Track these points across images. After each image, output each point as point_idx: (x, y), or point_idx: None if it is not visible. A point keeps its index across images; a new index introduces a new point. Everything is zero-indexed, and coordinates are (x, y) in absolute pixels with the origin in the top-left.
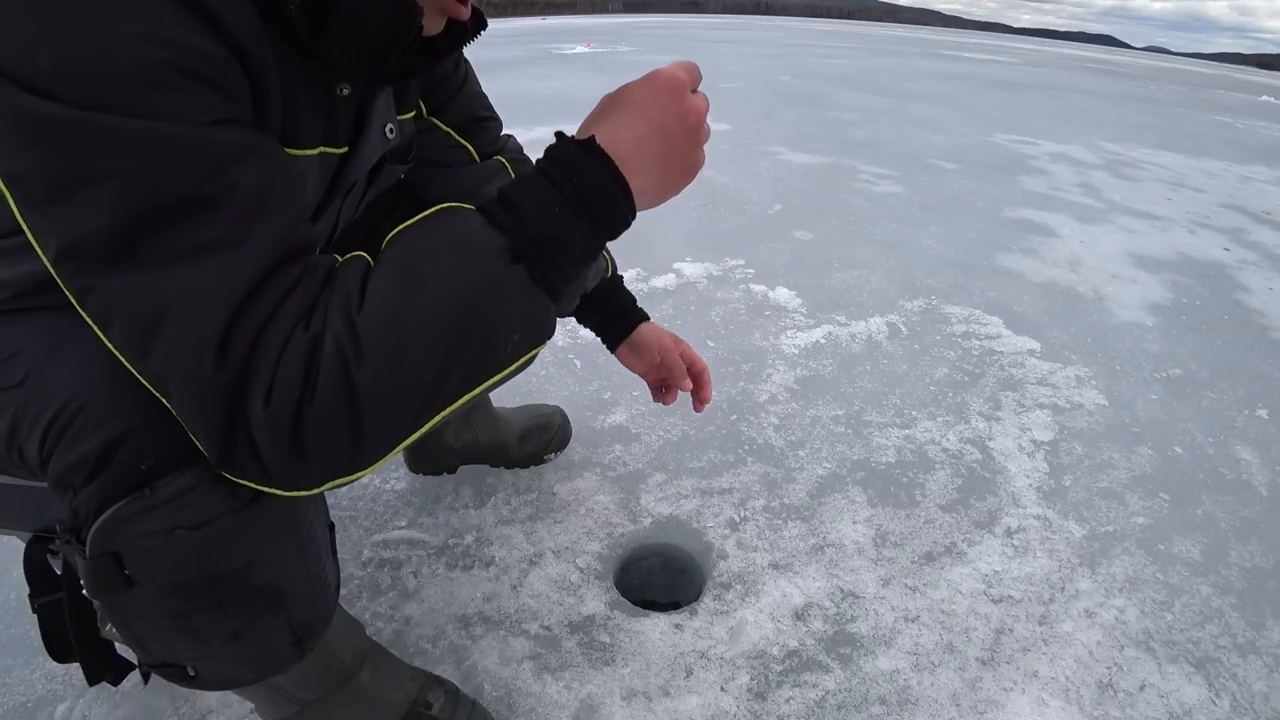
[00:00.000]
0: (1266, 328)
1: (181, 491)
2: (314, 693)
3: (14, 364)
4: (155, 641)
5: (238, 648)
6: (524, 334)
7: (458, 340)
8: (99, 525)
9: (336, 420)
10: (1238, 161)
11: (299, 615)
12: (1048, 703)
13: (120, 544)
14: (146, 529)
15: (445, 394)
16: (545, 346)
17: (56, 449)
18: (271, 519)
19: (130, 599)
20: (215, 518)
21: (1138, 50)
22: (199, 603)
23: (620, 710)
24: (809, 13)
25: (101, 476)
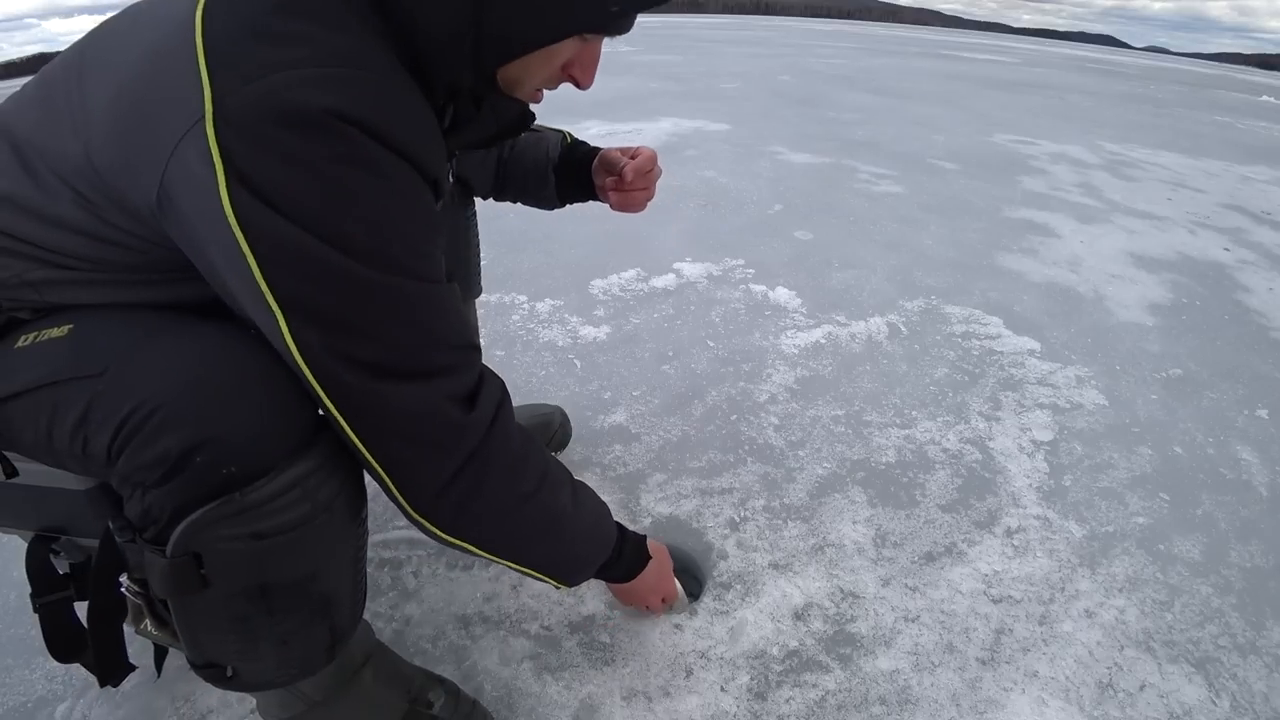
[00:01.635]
0: (1266, 328)
1: (268, 499)
2: (323, 692)
3: (96, 354)
4: (210, 642)
5: (284, 651)
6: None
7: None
8: (186, 525)
9: (494, 506)
10: (1238, 161)
11: (339, 622)
12: (1048, 703)
13: (203, 545)
14: (231, 533)
15: (525, 559)
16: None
17: (130, 444)
18: (337, 531)
19: (202, 600)
20: (294, 526)
21: (1138, 50)
22: (263, 606)
23: (620, 710)
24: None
25: (180, 477)
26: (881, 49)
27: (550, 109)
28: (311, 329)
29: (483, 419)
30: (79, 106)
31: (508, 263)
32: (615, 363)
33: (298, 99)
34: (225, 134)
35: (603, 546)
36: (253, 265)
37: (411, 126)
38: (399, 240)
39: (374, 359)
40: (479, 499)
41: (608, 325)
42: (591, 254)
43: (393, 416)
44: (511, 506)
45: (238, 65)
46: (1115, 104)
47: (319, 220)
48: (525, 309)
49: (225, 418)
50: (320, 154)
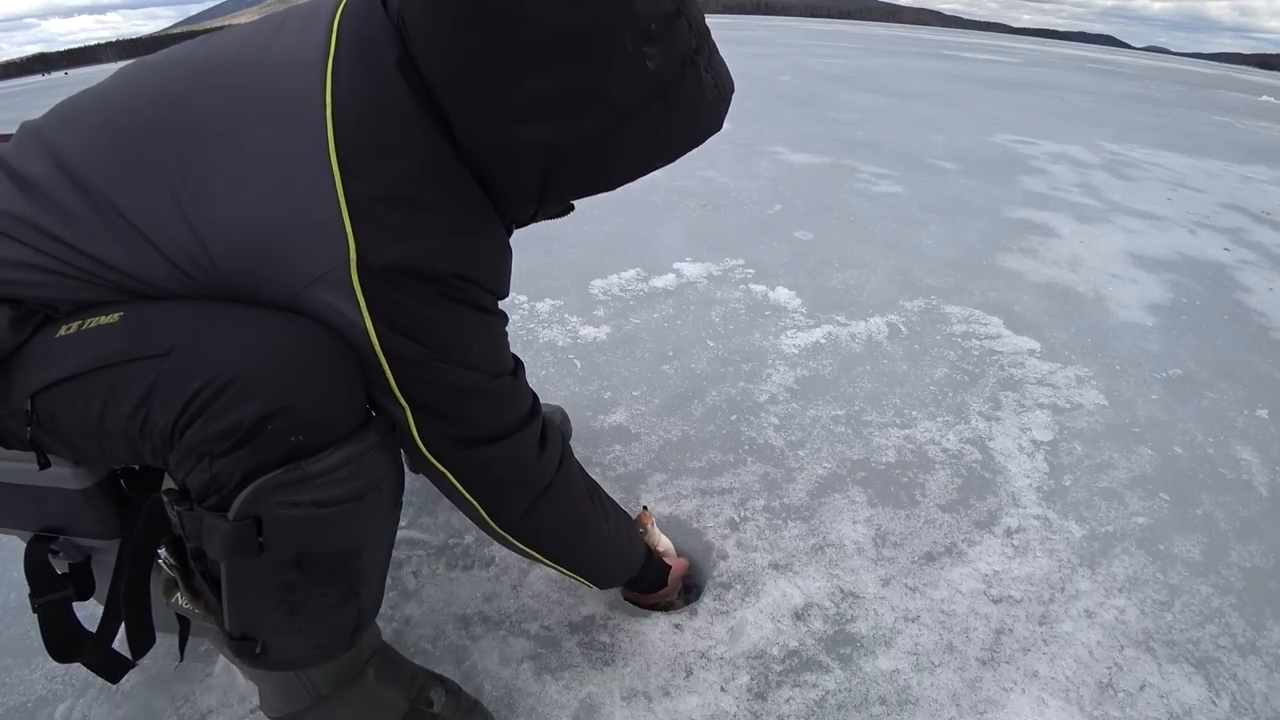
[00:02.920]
0: (1266, 328)
1: (329, 470)
2: (331, 685)
3: (158, 335)
4: (254, 611)
5: (318, 626)
6: (601, 581)
7: (598, 560)
8: (253, 489)
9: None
10: (1238, 161)
11: (367, 604)
12: (1048, 703)
13: (265, 510)
14: (292, 499)
15: (576, 566)
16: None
17: (202, 416)
18: (384, 507)
19: (256, 564)
20: (349, 499)
21: (1138, 50)
22: (310, 576)
23: (620, 710)
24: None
25: (251, 444)
26: (881, 49)
27: None
28: (429, 419)
29: (552, 460)
30: (185, 192)
31: None
32: (615, 363)
33: (434, 266)
34: (368, 280)
35: (633, 564)
36: (389, 376)
37: (501, 271)
38: (491, 353)
39: (474, 437)
40: (555, 517)
41: (608, 325)
42: (591, 254)
43: (489, 469)
44: (577, 522)
45: (380, 225)
46: (1115, 104)
47: (439, 344)
48: (525, 309)
49: (298, 388)
50: (444, 295)
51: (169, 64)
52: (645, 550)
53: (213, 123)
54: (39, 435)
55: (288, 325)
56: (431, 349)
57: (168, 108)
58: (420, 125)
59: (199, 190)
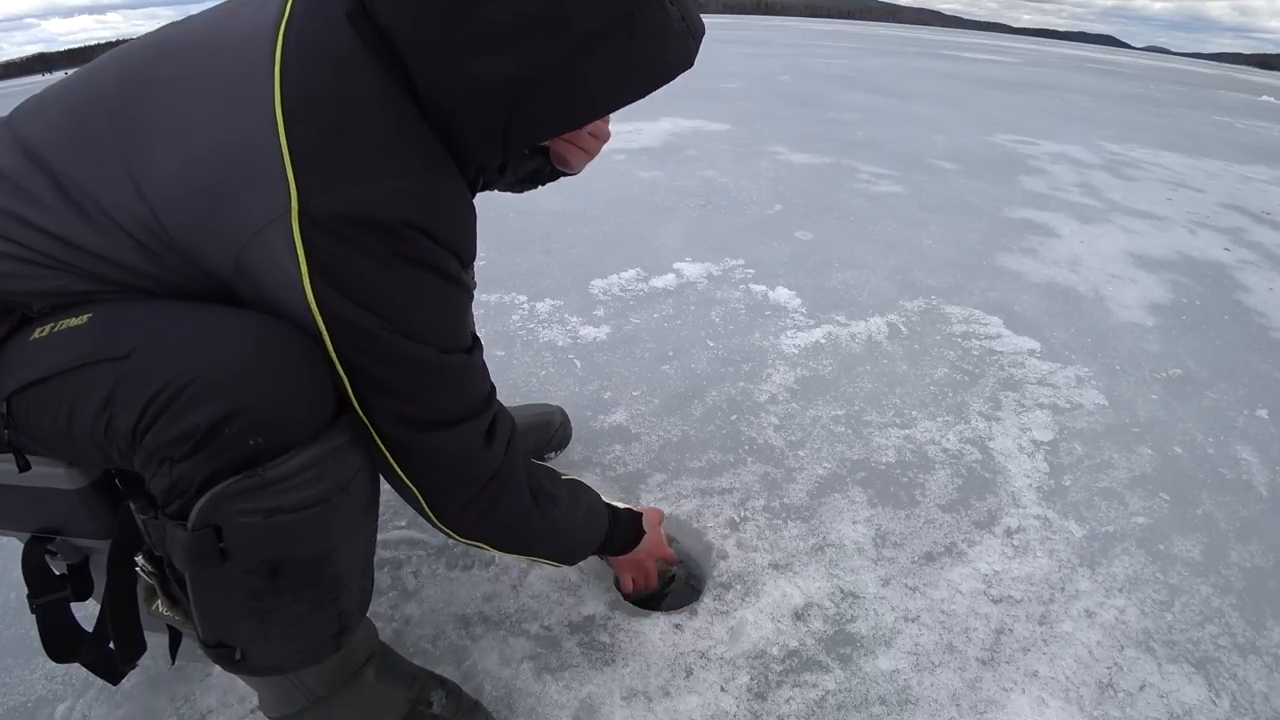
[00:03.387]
0: (1266, 328)
1: (290, 474)
2: (326, 688)
3: (121, 337)
4: (223, 619)
5: (294, 633)
6: (569, 559)
7: (556, 542)
8: (209, 497)
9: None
10: (1238, 161)
11: (348, 607)
12: (1048, 703)
13: (224, 518)
14: (252, 506)
15: (531, 551)
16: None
17: (160, 420)
18: (352, 513)
19: (219, 574)
20: (312, 504)
21: (1138, 50)
22: (277, 584)
23: (620, 710)
24: (809, 13)
25: (208, 449)
26: (881, 49)
27: None
28: (372, 393)
29: (499, 450)
30: (135, 159)
31: (508, 263)
32: (615, 363)
33: (380, 212)
34: (310, 231)
35: (597, 532)
36: (327, 340)
37: (460, 225)
38: (443, 322)
39: (419, 417)
40: (495, 510)
41: (608, 325)
42: (591, 254)
43: (431, 455)
44: (520, 513)
45: (322, 172)
46: (1115, 104)
47: (385, 310)
48: (525, 309)
49: (254, 390)
50: (392, 252)
51: (134, 47)
52: (608, 513)
53: (165, 92)
54: (17, 438)
55: (251, 325)
56: (374, 313)
57: (127, 85)
58: (371, 70)
59: (146, 156)
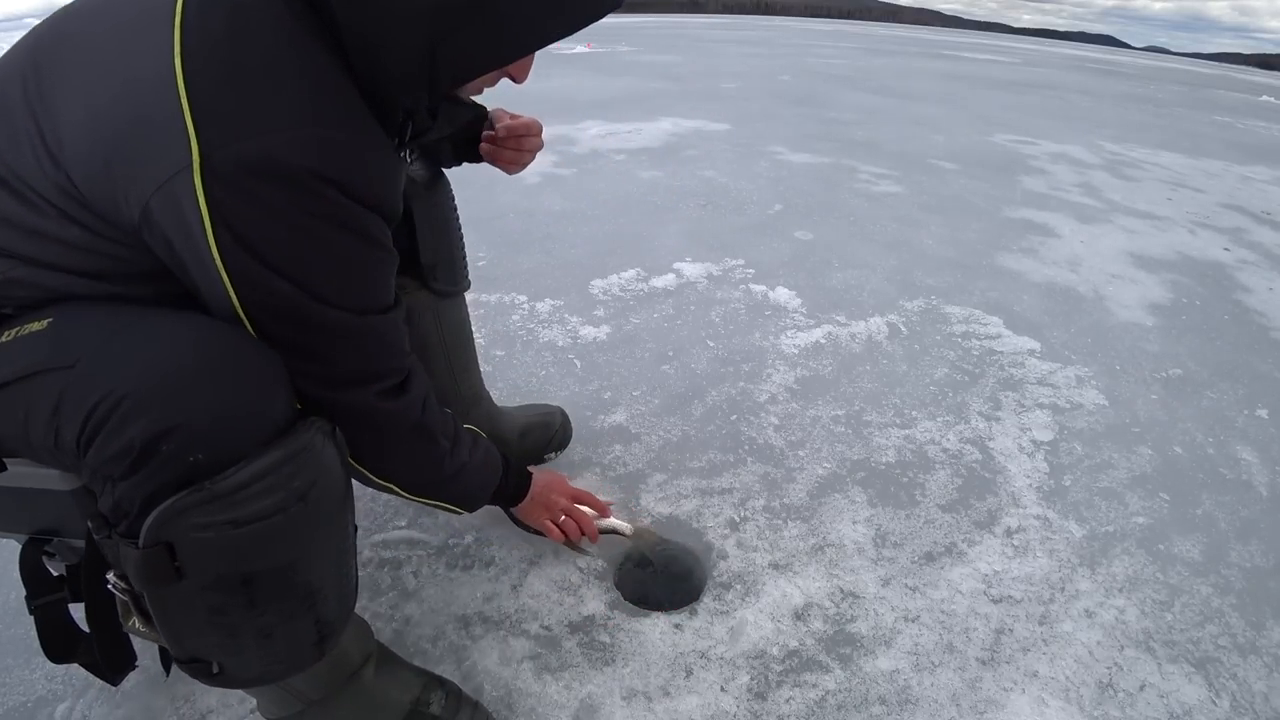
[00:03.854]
0: (1266, 328)
1: (239, 486)
2: (320, 691)
3: (70, 346)
4: (190, 636)
5: (267, 645)
6: (468, 505)
7: (459, 488)
8: (157, 515)
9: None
10: (1238, 161)
11: (326, 615)
12: (1048, 703)
13: (175, 535)
14: (202, 521)
15: (438, 497)
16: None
17: (98, 436)
18: (314, 521)
19: (176, 591)
20: (268, 515)
21: (1138, 50)
22: (240, 598)
23: (620, 710)
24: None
25: (147, 467)
26: (881, 49)
27: (551, 108)
28: (281, 352)
29: (414, 404)
30: (46, 121)
31: (508, 263)
32: (615, 363)
33: (283, 159)
34: (212, 186)
35: (494, 474)
36: (235, 302)
37: (378, 179)
38: (358, 284)
39: (329, 376)
40: (411, 459)
41: (608, 325)
42: (591, 254)
43: (344, 412)
44: (431, 461)
45: (224, 121)
46: (1115, 104)
47: (295, 272)
48: (525, 309)
49: (190, 405)
50: (298, 207)
51: (55, 14)
52: (501, 462)
53: (73, 50)
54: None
55: (192, 333)
56: (283, 276)
57: (39, 50)
58: (278, 14)
59: (56, 116)
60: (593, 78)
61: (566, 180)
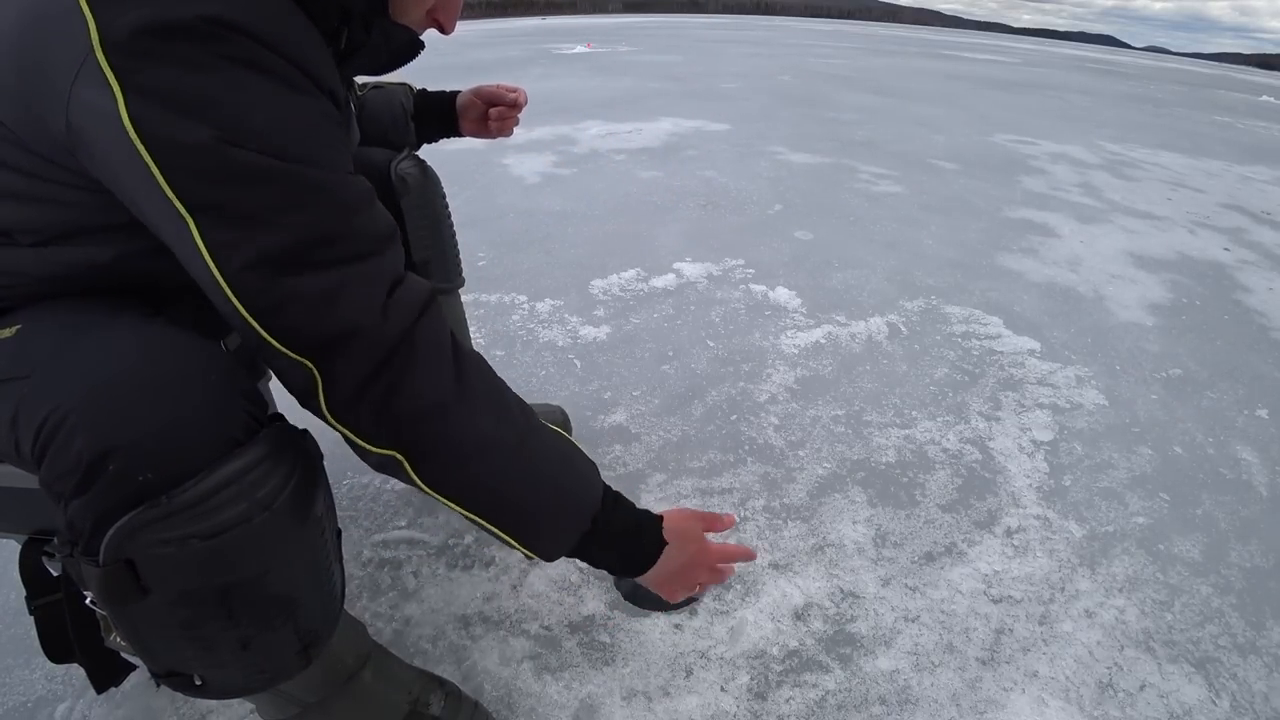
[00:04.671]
0: (1266, 328)
1: (198, 500)
2: (316, 694)
3: (30, 355)
4: (164, 651)
5: (246, 656)
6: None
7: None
8: (114, 532)
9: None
10: (1238, 161)
11: (307, 623)
12: (1048, 703)
13: (135, 552)
14: (162, 537)
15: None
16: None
17: (46, 454)
18: (282, 530)
19: (142, 608)
20: (230, 527)
21: (1138, 50)
22: (211, 611)
23: (620, 710)
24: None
25: (94, 487)
26: (881, 49)
27: (550, 108)
28: (221, 229)
29: (404, 306)
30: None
31: (508, 263)
32: (615, 363)
33: (176, 13)
34: (115, 58)
35: (574, 499)
36: (158, 176)
37: (295, 35)
38: (297, 130)
39: (283, 249)
40: (402, 397)
41: (608, 325)
42: (591, 254)
43: (305, 309)
44: (436, 403)
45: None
46: (1115, 104)
47: (214, 116)
48: (525, 309)
49: (134, 423)
50: (207, 56)
51: None
52: (601, 486)
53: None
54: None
55: (144, 343)
56: (199, 120)
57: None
58: None
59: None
60: (593, 78)
61: (566, 180)
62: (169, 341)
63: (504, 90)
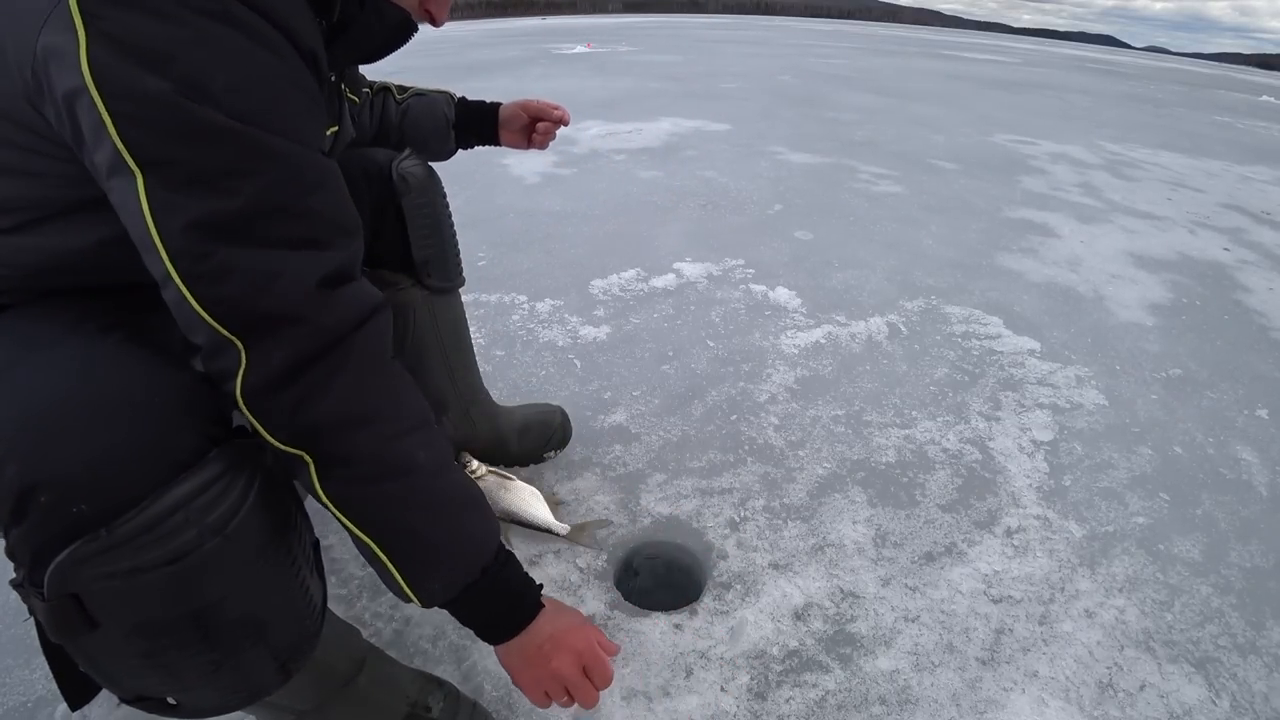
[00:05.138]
0: (1266, 328)
1: (141, 530)
2: (309, 702)
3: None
4: (128, 678)
5: (218, 678)
6: (412, 565)
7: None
8: (54, 568)
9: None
10: (1238, 161)
11: (281, 640)
12: (1048, 703)
13: (79, 585)
14: (105, 570)
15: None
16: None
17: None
18: (238, 555)
19: (96, 640)
20: (179, 556)
21: (1138, 50)
22: (171, 641)
23: (620, 710)
24: (809, 13)
25: (28, 520)
26: (881, 49)
27: None
28: (168, 187)
29: (349, 306)
30: None
31: (508, 263)
32: (615, 363)
33: None
34: (87, 3)
35: (475, 544)
36: (109, 124)
37: (288, 5)
38: (262, 94)
39: (229, 215)
40: (327, 398)
41: (608, 325)
42: (591, 254)
43: (247, 283)
44: (358, 422)
45: None
46: (1115, 104)
47: (178, 68)
48: (525, 309)
49: (63, 453)
50: (176, 5)
51: None
52: (499, 540)
53: None
54: None
55: (82, 367)
56: (156, 73)
57: None
58: None
59: None
60: (593, 78)
61: (566, 180)
62: (116, 361)
63: (549, 107)
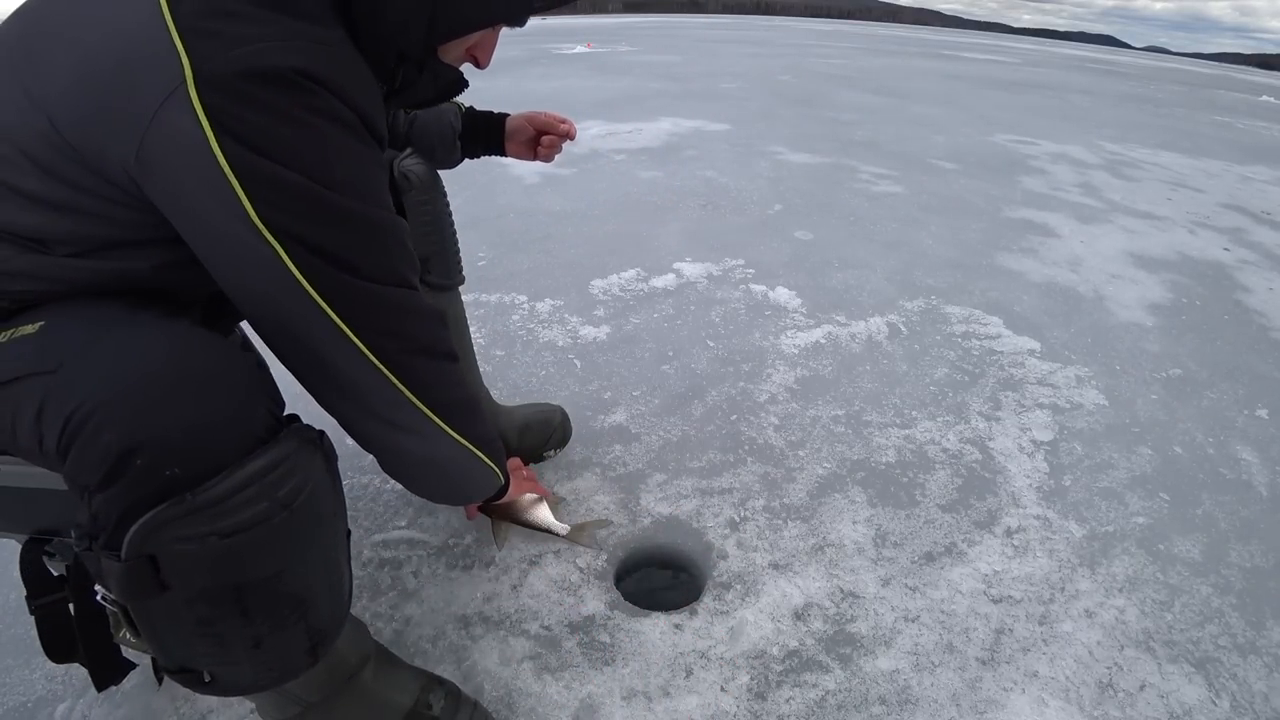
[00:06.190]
0: (1266, 328)
1: (221, 498)
2: (318, 694)
3: (56, 350)
4: (178, 646)
5: (257, 655)
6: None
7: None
8: (138, 528)
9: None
10: (1238, 161)
11: (317, 623)
12: (1048, 703)
13: (158, 548)
14: (185, 534)
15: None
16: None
17: (73, 446)
18: (300, 529)
19: (161, 604)
20: (252, 525)
21: (1138, 50)
22: (228, 609)
23: (620, 710)
24: (809, 13)
25: (121, 481)
26: (881, 49)
27: (550, 108)
28: (312, 256)
29: (436, 311)
30: (29, 74)
31: (508, 263)
32: (615, 363)
33: (271, 61)
34: (208, 95)
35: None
36: (247, 206)
37: (361, 89)
38: (365, 178)
39: (359, 266)
40: (442, 381)
41: (608, 325)
42: (591, 254)
43: (389, 311)
44: (454, 378)
45: (212, 38)
46: (1115, 104)
47: (303, 160)
48: (525, 309)
49: (163, 419)
50: (295, 105)
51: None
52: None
53: (55, 9)
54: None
55: (172, 341)
56: (291, 168)
57: (25, 22)
58: None
59: (40, 67)
60: (593, 78)
61: (566, 180)
62: (195, 340)
63: (556, 120)
